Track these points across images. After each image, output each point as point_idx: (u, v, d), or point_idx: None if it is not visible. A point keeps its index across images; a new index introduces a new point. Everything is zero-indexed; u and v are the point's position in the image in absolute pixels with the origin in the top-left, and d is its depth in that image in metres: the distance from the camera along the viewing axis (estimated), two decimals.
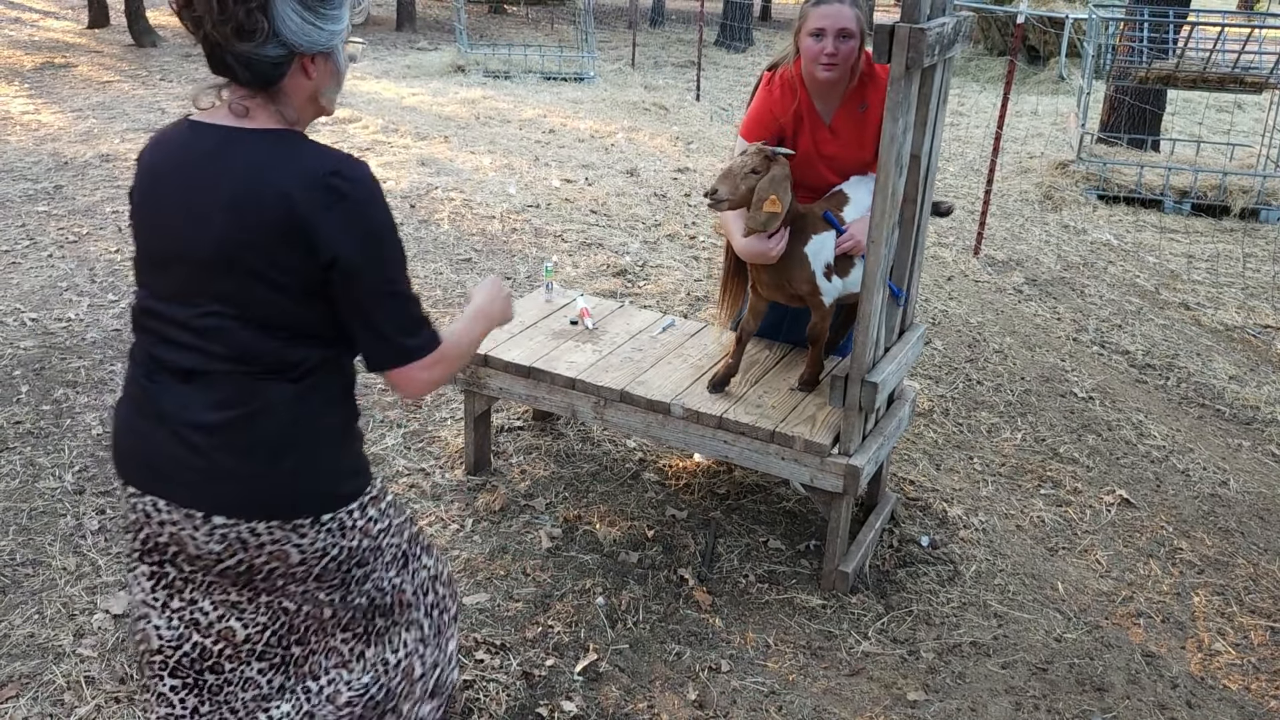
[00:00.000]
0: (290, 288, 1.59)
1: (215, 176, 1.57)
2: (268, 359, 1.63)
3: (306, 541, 1.70)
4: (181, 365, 1.63)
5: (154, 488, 1.67)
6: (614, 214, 6.32)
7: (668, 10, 20.02)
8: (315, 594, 1.79)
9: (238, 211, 1.55)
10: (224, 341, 1.61)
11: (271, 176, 1.55)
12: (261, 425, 1.64)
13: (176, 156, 1.62)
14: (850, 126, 2.94)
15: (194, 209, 1.58)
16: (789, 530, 3.23)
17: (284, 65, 1.58)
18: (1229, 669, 2.85)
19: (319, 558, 1.73)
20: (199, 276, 1.59)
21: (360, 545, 1.78)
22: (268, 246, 1.55)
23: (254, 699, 1.85)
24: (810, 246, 2.81)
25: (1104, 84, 9.77)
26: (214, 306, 1.60)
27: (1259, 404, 4.76)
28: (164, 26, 14.61)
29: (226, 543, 1.66)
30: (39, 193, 6.25)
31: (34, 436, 3.50)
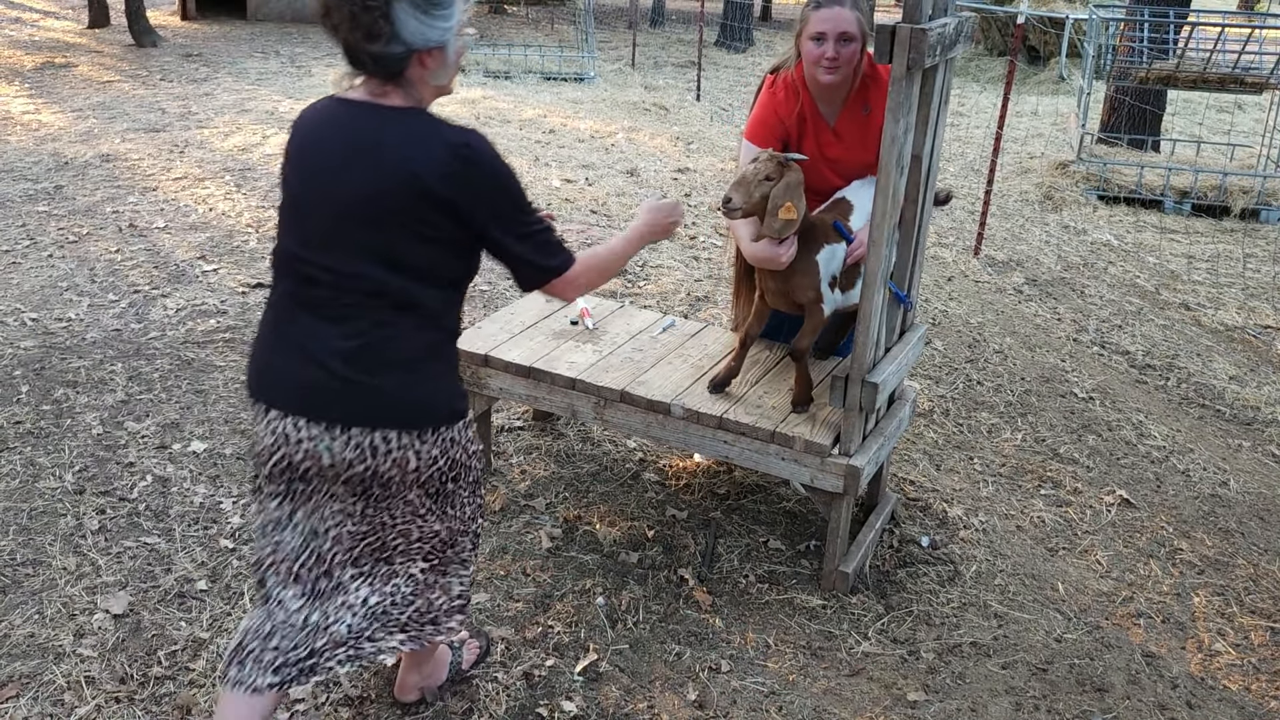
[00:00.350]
0: (423, 239, 1.91)
1: (364, 143, 1.88)
2: (396, 296, 1.93)
3: (425, 449, 2.01)
4: (322, 302, 1.93)
5: (297, 409, 1.95)
6: (614, 214, 6.32)
7: (668, 10, 20.01)
8: (417, 506, 2.08)
9: (383, 174, 1.86)
10: (361, 281, 1.91)
11: (414, 148, 1.86)
12: (391, 350, 1.94)
13: (328, 125, 1.93)
14: (854, 129, 2.93)
15: (343, 169, 1.89)
16: (789, 530, 3.23)
17: (405, 60, 1.87)
18: (1229, 669, 2.85)
19: (430, 465, 2.04)
20: (343, 226, 1.90)
21: (459, 459, 2.10)
22: (409, 206, 1.87)
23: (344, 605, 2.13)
24: (822, 255, 2.80)
25: (1104, 84, 9.77)
26: (354, 252, 1.90)
27: (1259, 404, 4.76)
28: (164, 26, 14.61)
29: (360, 450, 1.95)
30: (39, 193, 6.25)
31: (34, 436, 3.50)
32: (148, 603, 2.75)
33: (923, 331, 3.12)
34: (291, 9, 16.66)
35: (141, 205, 6.06)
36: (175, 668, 2.53)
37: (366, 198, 1.88)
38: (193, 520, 3.11)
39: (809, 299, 2.84)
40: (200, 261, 5.18)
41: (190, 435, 3.56)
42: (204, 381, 3.94)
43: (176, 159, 7.15)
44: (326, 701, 2.45)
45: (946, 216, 7.14)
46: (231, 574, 2.87)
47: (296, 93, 9.98)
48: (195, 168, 6.93)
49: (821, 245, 2.80)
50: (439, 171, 1.86)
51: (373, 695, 2.47)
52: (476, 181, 1.90)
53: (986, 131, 10.03)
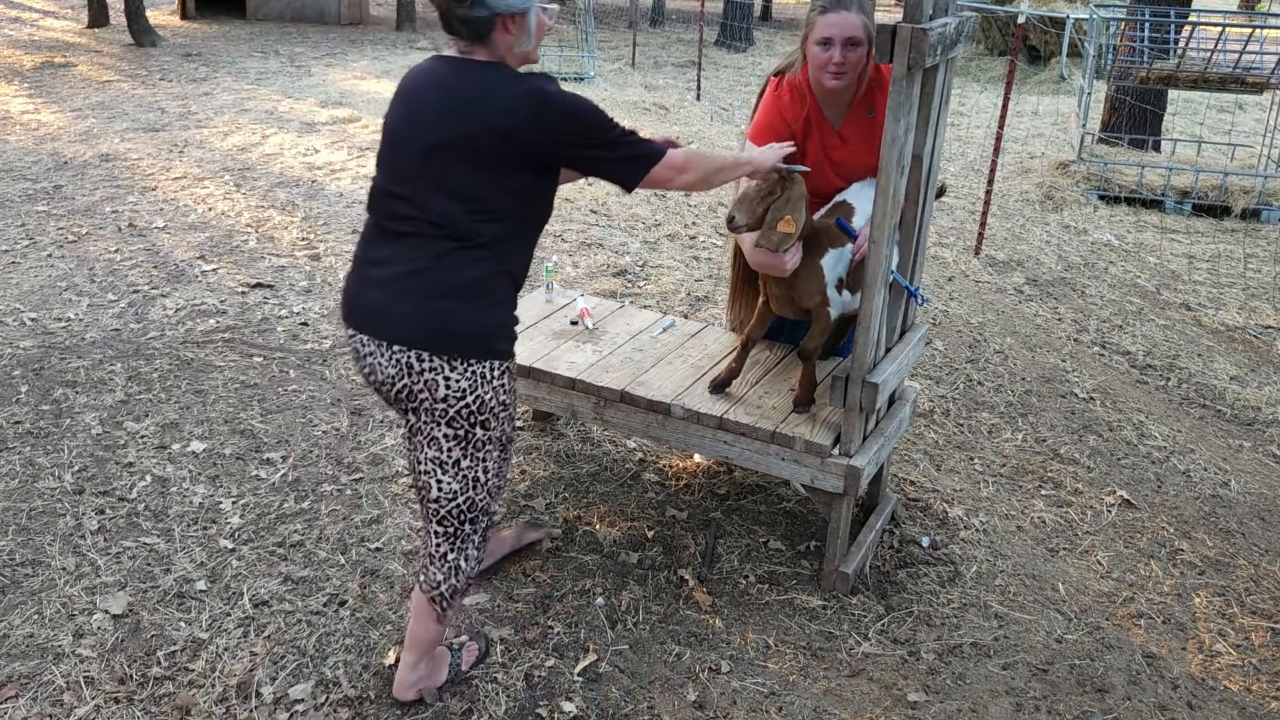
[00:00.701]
0: (490, 177, 2.11)
1: (449, 88, 2.14)
2: (456, 229, 2.13)
3: (454, 377, 2.15)
4: (397, 230, 2.17)
5: (361, 327, 2.19)
6: (614, 214, 6.31)
7: (668, 10, 20.01)
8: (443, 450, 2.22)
9: (463, 115, 2.10)
10: (429, 213, 2.13)
11: (492, 95, 2.11)
12: (440, 278, 2.13)
13: (426, 77, 2.20)
14: (859, 132, 2.92)
15: (431, 111, 2.14)
16: (789, 531, 3.22)
17: (490, 23, 2.13)
18: (1230, 670, 2.85)
19: (459, 399, 2.17)
20: (425, 162, 2.12)
21: (488, 401, 2.21)
22: (483, 145, 2.09)
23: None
24: (826, 259, 2.78)
25: (1105, 84, 9.76)
26: (429, 186, 2.13)
27: (1260, 405, 4.75)
28: (163, 26, 14.61)
29: (399, 367, 2.15)
30: (38, 192, 6.25)
31: (33, 436, 3.50)
32: (147, 603, 2.74)
33: (923, 332, 3.12)
34: (291, 9, 16.65)
35: (141, 205, 6.06)
36: (174, 668, 2.53)
37: (447, 138, 2.11)
38: (192, 520, 3.10)
39: (815, 303, 2.82)
40: (200, 261, 5.17)
41: (189, 435, 3.56)
42: (203, 381, 3.94)
43: (176, 159, 7.15)
44: (326, 702, 2.45)
45: (946, 216, 7.14)
46: (231, 574, 2.87)
47: (296, 92, 9.98)
48: (194, 167, 6.92)
49: (825, 250, 2.79)
50: (515, 116, 2.09)
51: (372, 695, 2.47)
52: (550, 120, 2.12)
53: (987, 131, 10.03)
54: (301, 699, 2.45)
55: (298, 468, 3.41)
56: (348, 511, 3.19)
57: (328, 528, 3.10)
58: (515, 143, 2.10)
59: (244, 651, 2.59)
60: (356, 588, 2.84)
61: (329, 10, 16.70)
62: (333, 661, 2.57)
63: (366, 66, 12.16)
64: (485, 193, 2.13)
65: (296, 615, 2.72)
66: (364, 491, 3.30)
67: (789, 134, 2.92)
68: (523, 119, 2.09)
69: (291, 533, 3.07)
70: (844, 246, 2.81)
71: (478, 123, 2.09)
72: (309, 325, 4.49)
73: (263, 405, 3.79)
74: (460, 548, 2.34)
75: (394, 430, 3.67)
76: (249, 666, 2.54)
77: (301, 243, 5.53)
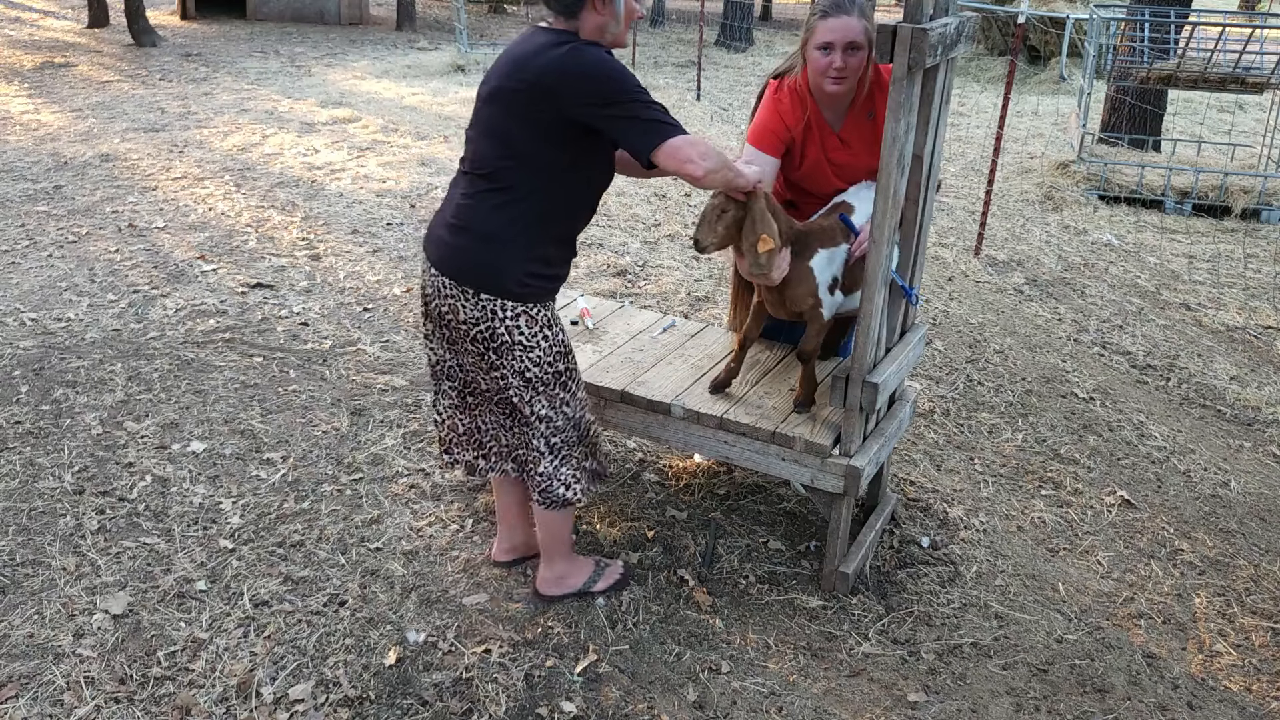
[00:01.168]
0: (529, 125, 2.33)
1: (517, 49, 2.39)
2: (496, 174, 2.40)
3: (467, 306, 2.46)
4: (461, 170, 2.52)
5: (425, 247, 2.56)
6: (614, 214, 6.31)
7: (668, 10, 20.01)
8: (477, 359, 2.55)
9: (515, 70, 2.34)
10: (480, 158, 2.43)
11: (542, 50, 2.32)
12: (474, 218, 2.43)
13: (516, 41, 2.44)
14: (859, 135, 2.91)
15: (498, 66, 2.40)
16: (789, 531, 3.22)
17: (580, 2, 2.34)
18: (1230, 670, 2.85)
19: (472, 324, 2.47)
20: (485, 110, 2.41)
21: (500, 334, 2.46)
22: (524, 92, 2.31)
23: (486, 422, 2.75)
24: (816, 261, 2.77)
25: (1105, 84, 9.76)
26: (484, 132, 2.42)
27: (1260, 405, 4.75)
28: (163, 26, 14.61)
29: (435, 288, 2.52)
30: (39, 193, 6.25)
31: (33, 436, 3.50)
32: (147, 603, 2.74)
33: (923, 332, 3.12)
34: (291, 8, 16.65)
35: (141, 205, 6.06)
36: (175, 668, 2.53)
37: (498, 86, 2.37)
38: (192, 520, 3.10)
39: (808, 306, 2.81)
40: (199, 261, 5.17)
41: (189, 435, 3.56)
42: (203, 381, 3.94)
43: (176, 159, 7.15)
44: (326, 702, 2.45)
45: (946, 216, 7.14)
46: (231, 574, 2.87)
47: (296, 92, 9.98)
48: (194, 167, 6.92)
49: (815, 251, 2.77)
50: (551, 68, 2.28)
51: (372, 695, 2.47)
52: (576, 73, 2.27)
53: (987, 131, 10.03)
54: (301, 699, 2.45)
55: (298, 468, 3.41)
56: (348, 511, 3.19)
57: (328, 528, 3.10)
58: (546, 93, 2.29)
59: (244, 651, 2.59)
60: (356, 588, 2.84)
61: (329, 10, 16.70)
62: (333, 661, 2.57)
63: (366, 66, 12.16)
64: (513, 135, 2.36)
65: (296, 615, 2.72)
66: (364, 491, 3.30)
67: (788, 137, 2.91)
68: (556, 72, 2.27)
69: (291, 533, 3.07)
70: (836, 247, 2.79)
71: (522, 74, 2.32)
72: (309, 325, 4.49)
73: (263, 405, 3.80)
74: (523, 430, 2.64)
75: (394, 430, 3.67)
76: (249, 666, 2.54)
77: (301, 243, 5.53)
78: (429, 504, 3.25)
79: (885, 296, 2.71)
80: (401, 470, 3.42)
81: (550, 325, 2.53)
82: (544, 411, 2.58)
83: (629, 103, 2.28)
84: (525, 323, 2.47)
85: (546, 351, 2.52)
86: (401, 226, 5.86)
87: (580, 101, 2.28)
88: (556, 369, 2.56)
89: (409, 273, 5.16)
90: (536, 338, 2.49)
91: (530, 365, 2.51)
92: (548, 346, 2.52)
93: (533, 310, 2.47)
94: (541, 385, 2.55)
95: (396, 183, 6.72)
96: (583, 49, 2.30)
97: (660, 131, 2.28)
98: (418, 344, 4.38)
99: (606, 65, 2.28)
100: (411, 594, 2.82)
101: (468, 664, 2.58)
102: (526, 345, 2.48)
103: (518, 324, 2.46)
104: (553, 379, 2.56)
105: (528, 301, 2.46)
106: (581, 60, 2.28)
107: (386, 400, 3.88)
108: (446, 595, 2.83)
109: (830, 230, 2.82)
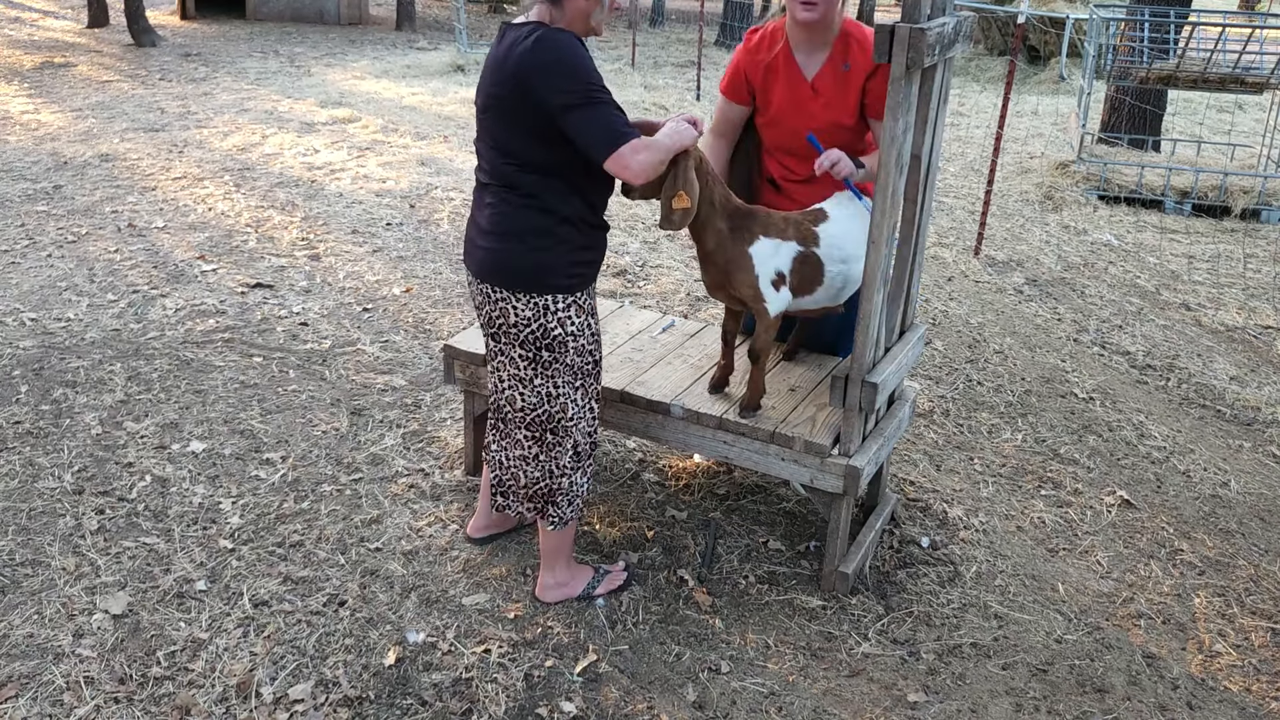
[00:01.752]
0: (517, 126, 2.38)
1: (496, 53, 2.41)
2: (504, 177, 2.46)
3: (520, 306, 2.51)
4: (479, 180, 2.56)
5: (465, 262, 2.62)
6: (614, 214, 6.31)
7: (668, 10, 20.01)
8: (520, 367, 2.58)
9: (496, 76, 2.38)
10: (488, 164, 2.50)
11: (515, 45, 2.34)
12: (502, 222, 2.49)
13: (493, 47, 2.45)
14: (832, 85, 2.92)
15: (484, 75, 2.44)
16: (789, 531, 3.22)
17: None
18: (1230, 670, 2.85)
19: (525, 325, 2.52)
20: (483, 119, 2.47)
21: (552, 329, 2.53)
22: (509, 93, 2.35)
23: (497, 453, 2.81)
24: (756, 248, 2.73)
25: (1105, 84, 9.76)
26: (486, 140, 2.48)
27: (1260, 405, 4.75)
28: (163, 26, 14.61)
29: (482, 296, 2.56)
30: (38, 192, 6.25)
31: (33, 436, 3.50)
32: (147, 603, 2.75)
33: (922, 331, 3.12)
34: (291, 8, 16.65)
35: (140, 205, 6.06)
36: (174, 668, 2.53)
37: (488, 94, 2.42)
38: (191, 520, 3.10)
39: (747, 295, 2.77)
40: (199, 261, 5.17)
41: (189, 435, 3.56)
42: (203, 381, 3.94)
43: (175, 159, 7.15)
44: (326, 702, 2.45)
45: (946, 216, 7.14)
46: (231, 574, 2.87)
47: (295, 92, 9.98)
48: (194, 167, 6.92)
49: (756, 238, 2.74)
50: (525, 59, 2.31)
51: (372, 695, 2.47)
52: (542, 66, 2.30)
53: (987, 131, 10.03)
54: (301, 699, 2.45)
55: (297, 468, 3.41)
56: (348, 511, 3.19)
57: (328, 528, 3.10)
58: (524, 86, 2.32)
59: (244, 651, 2.59)
60: (356, 588, 2.84)
61: (329, 10, 16.70)
62: (333, 661, 2.57)
63: (366, 66, 12.16)
64: (512, 143, 2.41)
65: (296, 615, 2.72)
66: (364, 491, 3.30)
67: (745, 81, 2.99)
68: (527, 67, 2.30)
69: (291, 533, 3.07)
70: (784, 240, 2.76)
71: (502, 77, 2.36)
72: (309, 325, 4.49)
73: (262, 405, 3.80)
74: (549, 453, 2.67)
75: (394, 430, 3.67)
76: (249, 666, 2.54)
77: (301, 243, 5.53)
78: (429, 504, 3.25)
79: (885, 296, 2.71)
80: (401, 470, 3.42)
81: (593, 312, 2.63)
82: (575, 411, 2.64)
83: (586, 102, 2.31)
84: (575, 312, 2.55)
85: (589, 340, 2.62)
86: (401, 226, 5.86)
87: (549, 95, 2.31)
88: (595, 357, 2.65)
89: (409, 273, 5.16)
90: (583, 325, 2.58)
91: (576, 356, 2.59)
92: (590, 335, 2.62)
93: (581, 299, 2.57)
94: (581, 377, 2.62)
95: (396, 183, 6.72)
96: (548, 36, 2.32)
97: (614, 140, 2.33)
98: (417, 344, 4.38)
99: (573, 57, 2.31)
100: (411, 594, 2.83)
101: (467, 664, 2.58)
102: (576, 335, 2.57)
103: (569, 314, 2.54)
104: (591, 367, 2.65)
105: (576, 291, 2.54)
106: (548, 50, 2.30)
107: (386, 400, 3.88)
108: (446, 595, 2.83)
109: (782, 224, 2.77)
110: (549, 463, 2.68)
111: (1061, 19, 13.22)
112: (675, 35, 17.71)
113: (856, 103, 2.89)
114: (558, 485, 2.70)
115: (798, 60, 2.93)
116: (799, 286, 2.80)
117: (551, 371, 2.58)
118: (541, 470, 2.69)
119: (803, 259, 2.78)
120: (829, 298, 2.88)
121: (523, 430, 2.67)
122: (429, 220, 6.00)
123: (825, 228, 2.81)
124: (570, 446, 2.67)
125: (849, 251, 2.80)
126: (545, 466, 2.69)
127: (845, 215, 2.84)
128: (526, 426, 2.66)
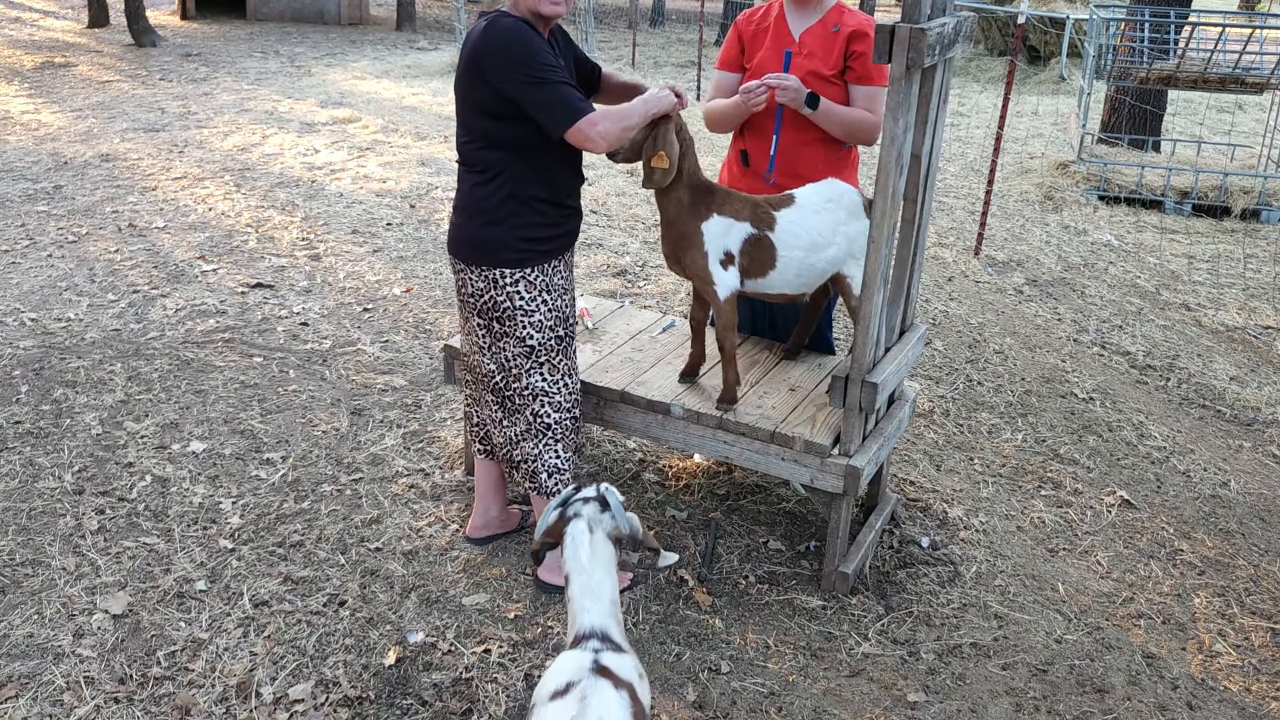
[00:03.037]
0: (473, 107, 2.53)
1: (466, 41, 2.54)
2: (465, 156, 2.62)
3: (474, 278, 2.65)
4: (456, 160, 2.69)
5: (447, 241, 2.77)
6: (614, 214, 6.31)
7: (668, 10, 20.01)
8: (479, 336, 2.72)
9: (461, 60, 2.53)
10: (457, 144, 2.64)
11: (472, 35, 2.51)
12: (460, 196, 2.66)
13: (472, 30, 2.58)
14: (817, 41, 3.00)
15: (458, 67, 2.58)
16: (789, 531, 3.22)
17: None
18: (1230, 670, 2.85)
19: (479, 296, 2.66)
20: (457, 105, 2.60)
21: (502, 303, 2.64)
22: (466, 75, 2.51)
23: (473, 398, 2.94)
24: (708, 225, 2.76)
25: (1105, 84, 9.76)
26: (458, 121, 2.62)
27: (1260, 405, 4.75)
28: (163, 26, 14.61)
29: (452, 268, 2.72)
30: (39, 192, 6.25)
31: (33, 436, 3.50)
32: (147, 603, 2.75)
33: (922, 332, 3.12)
34: (291, 9, 16.65)
35: (141, 205, 6.06)
36: (174, 668, 2.53)
37: (456, 78, 2.57)
38: (191, 520, 3.10)
39: (695, 271, 2.80)
40: (199, 261, 5.17)
41: (189, 435, 3.56)
42: (203, 382, 3.94)
43: (176, 159, 7.15)
44: (326, 702, 2.45)
45: (946, 216, 7.14)
46: (231, 574, 2.87)
47: (296, 92, 9.98)
48: (194, 167, 6.92)
49: (710, 215, 2.76)
50: (477, 45, 2.46)
51: (372, 695, 2.47)
52: (491, 48, 2.44)
53: (987, 131, 10.03)
54: (301, 699, 2.45)
55: (297, 468, 3.41)
56: (348, 511, 3.19)
57: (328, 528, 3.10)
58: (477, 72, 2.47)
59: (244, 651, 2.59)
60: (356, 588, 2.84)
61: (329, 10, 16.70)
62: (333, 661, 2.57)
63: (366, 66, 12.16)
64: (471, 119, 2.56)
65: (296, 615, 2.73)
66: (364, 491, 3.30)
67: (738, 46, 3.12)
68: (480, 49, 2.45)
69: (291, 533, 3.07)
70: (738, 221, 2.77)
71: (462, 58, 2.52)
72: (309, 325, 4.49)
73: (262, 405, 3.80)
74: (510, 418, 2.79)
75: (394, 430, 3.67)
76: (249, 666, 2.54)
77: (301, 243, 5.53)
78: (429, 504, 3.25)
79: (885, 296, 2.71)
80: (401, 470, 3.42)
81: (550, 290, 2.69)
82: (540, 385, 2.73)
83: (538, 82, 2.43)
84: (524, 288, 2.64)
85: (547, 316, 2.69)
86: (401, 226, 5.86)
87: (500, 76, 2.44)
88: (558, 334, 2.72)
89: (409, 273, 5.16)
90: (536, 301, 2.66)
91: (533, 331, 2.67)
92: (548, 311, 2.69)
93: (531, 275, 2.64)
94: (544, 352, 2.70)
95: (396, 183, 6.72)
96: (497, 21, 2.47)
97: (569, 115, 2.45)
98: (417, 344, 4.38)
99: (520, 41, 2.43)
100: (411, 594, 2.83)
101: (467, 664, 2.58)
102: (527, 310, 2.65)
103: (518, 289, 2.63)
104: (555, 344, 2.72)
105: (525, 266, 2.62)
106: (496, 34, 2.45)
107: (386, 400, 3.88)
108: (446, 595, 2.83)
109: (739, 204, 2.78)
110: (510, 429, 2.80)
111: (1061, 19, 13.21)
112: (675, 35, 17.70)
113: (839, 56, 2.96)
114: (522, 454, 2.80)
115: (789, 22, 3.05)
116: (749, 268, 2.81)
117: (505, 343, 2.69)
118: (504, 436, 2.82)
119: (754, 241, 2.78)
120: (785, 284, 2.85)
121: (489, 394, 2.80)
122: (429, 220, 6.00)
123: (786, 213, 2.81)
124: (530, 418, 2.76)
125: (808, 240, 2.79)
126: (506, 433, 2.81)
127: (814, 205, 2.82)
128: (491, 391, 2.79)
